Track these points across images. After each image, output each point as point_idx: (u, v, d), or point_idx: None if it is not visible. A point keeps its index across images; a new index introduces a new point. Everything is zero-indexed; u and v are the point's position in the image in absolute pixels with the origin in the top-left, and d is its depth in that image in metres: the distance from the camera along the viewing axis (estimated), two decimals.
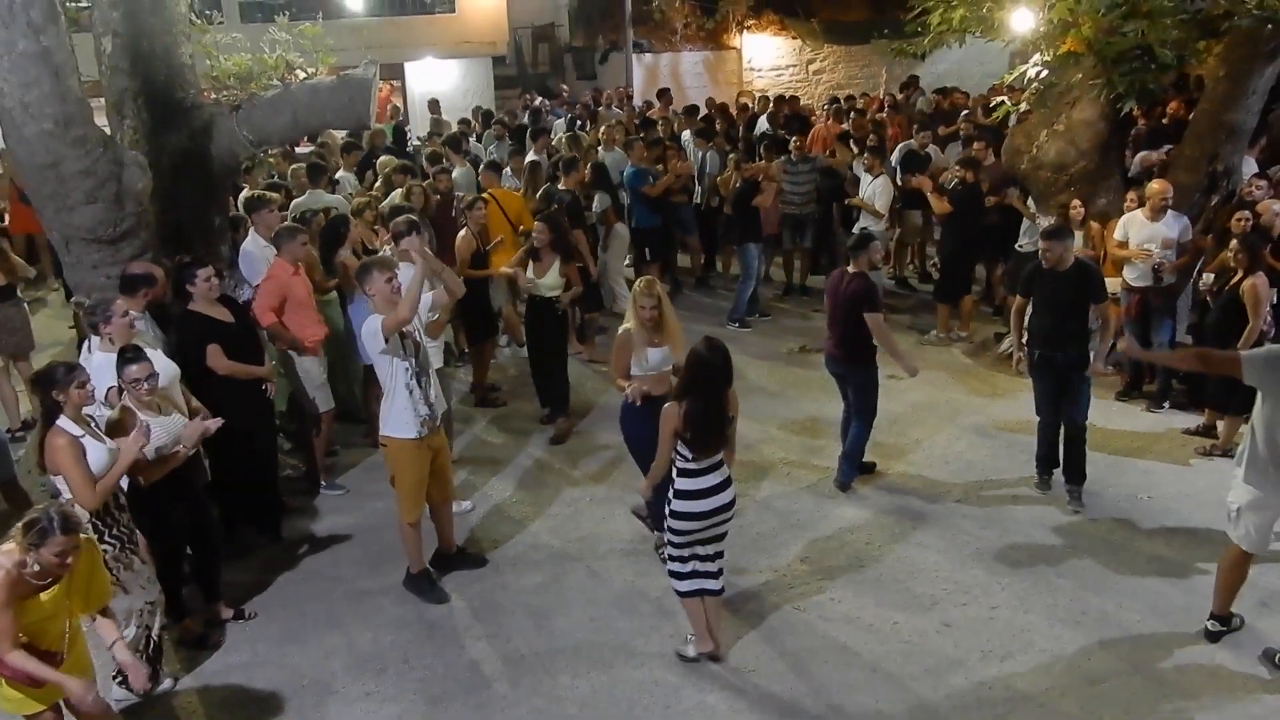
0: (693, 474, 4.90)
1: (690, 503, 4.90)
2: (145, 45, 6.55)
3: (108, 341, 5.39)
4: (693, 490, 4.89)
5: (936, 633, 5.40)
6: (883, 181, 10.21)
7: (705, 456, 4.88)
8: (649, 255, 11.24)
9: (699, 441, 4.82)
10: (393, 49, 18.37)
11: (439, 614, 5.70)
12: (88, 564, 4.03)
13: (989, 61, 17.49)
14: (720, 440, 4.92)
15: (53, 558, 3.73)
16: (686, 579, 5.08)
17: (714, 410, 4.83)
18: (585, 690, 5.04)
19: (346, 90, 6.73)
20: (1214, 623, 5.24)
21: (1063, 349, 6.49)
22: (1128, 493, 6.84)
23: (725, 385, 4.90)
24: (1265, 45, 7.73)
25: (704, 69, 22.28)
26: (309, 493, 7.14)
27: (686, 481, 4.91)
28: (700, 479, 4.89)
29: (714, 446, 4.89)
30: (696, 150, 11.99)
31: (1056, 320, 6.50)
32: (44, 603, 3.85)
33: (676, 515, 4.93)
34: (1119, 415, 8.07)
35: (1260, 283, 6.85)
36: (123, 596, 4.77)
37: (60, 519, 3.75)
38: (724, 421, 4.91)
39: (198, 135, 6.74)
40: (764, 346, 10.01)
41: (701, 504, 4.90)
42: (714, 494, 4.91)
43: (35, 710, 4.00)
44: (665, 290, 5.40)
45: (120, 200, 5.96)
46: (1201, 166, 8.39)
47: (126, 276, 5.92)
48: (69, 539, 3.76)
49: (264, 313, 6.66)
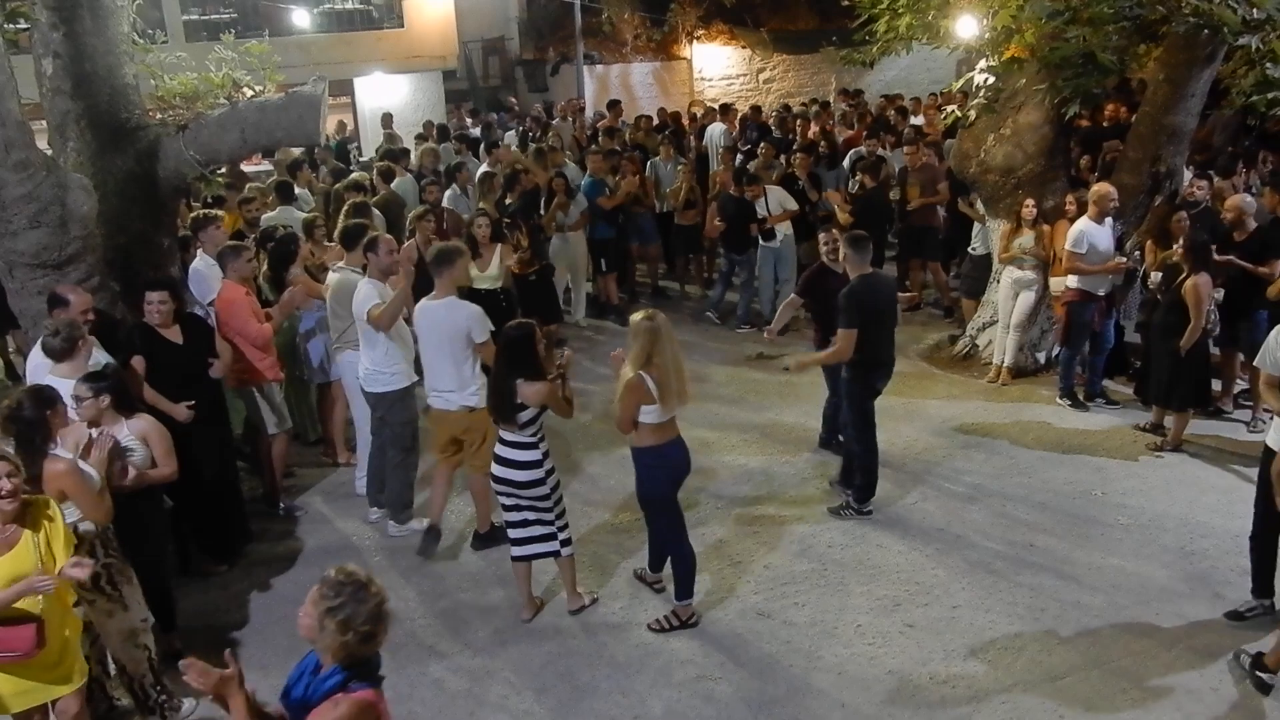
0: (501, 442, 5.46)
1: (496, 467, 5.48)
2: (87, 66, 6.44)
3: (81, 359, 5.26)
4: (498, 456, 5.47)
5: (900, 634, 5.45)
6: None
7: (506, 430, 5.41)
8: (604, 266, 11.26)
9: (494, 415, 5.48)
10: (341, 65, 18.23)
11: (402, 634, 5.65)
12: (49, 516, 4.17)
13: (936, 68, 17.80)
14: (511, 419, 5.34)
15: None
16: (517, 544, 5.60)
17: (500, 389, 5.34)
18: (552, 704, 5.02)
19: (296, 107, 6.67)
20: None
21: None
22: (1082, 489, 6.95)
23: (514, 369, 5.30)
24: (1203, 49, 7.90)
25: (654, 80, 22.37)
26: (268, 515, 7.05)
27: (498, 448, 5.48)
28: (505, 449, 5.44)
29: (506, 421, 5.39)
30: (664, 161, 12.07)
31: None
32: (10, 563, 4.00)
33: (493, 478, 5.52)
34: (1070, 414, 8.20)
35: (1202, 282, 7.00)
36: (122, 613, 4.73)
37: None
38: (510, 403, 5.30)
39: (144, 156, 6.64)
40: (723, 353, 10.05)
41: (503, 471, 5.46)
42: (516, 468, 5.43)
43: (22, 709, 4.18)
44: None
45: (65, 224, 5.86)
46: (1144, 168, 8.56)
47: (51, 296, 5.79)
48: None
49: (263, 337, 6.67)
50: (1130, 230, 8.64)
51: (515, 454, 5.41)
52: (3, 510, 4.01)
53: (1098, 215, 7.91)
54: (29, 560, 4.04)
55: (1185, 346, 7.07)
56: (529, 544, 5.59)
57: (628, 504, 6.80)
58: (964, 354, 9.54)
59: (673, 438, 5.37)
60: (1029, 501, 6.82)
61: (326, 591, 2.90)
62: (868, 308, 6.37)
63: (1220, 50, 7.95)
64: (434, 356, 6.15)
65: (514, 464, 5.42)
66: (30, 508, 4.15)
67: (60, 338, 5.22)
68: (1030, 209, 8.58)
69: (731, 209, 10.47)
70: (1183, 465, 7.26)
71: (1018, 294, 8.75)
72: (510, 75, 22.90)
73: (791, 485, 7.18)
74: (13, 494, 4.00)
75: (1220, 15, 6.80)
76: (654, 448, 5.31)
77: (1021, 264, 8.67)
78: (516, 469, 5.41)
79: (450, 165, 11.23)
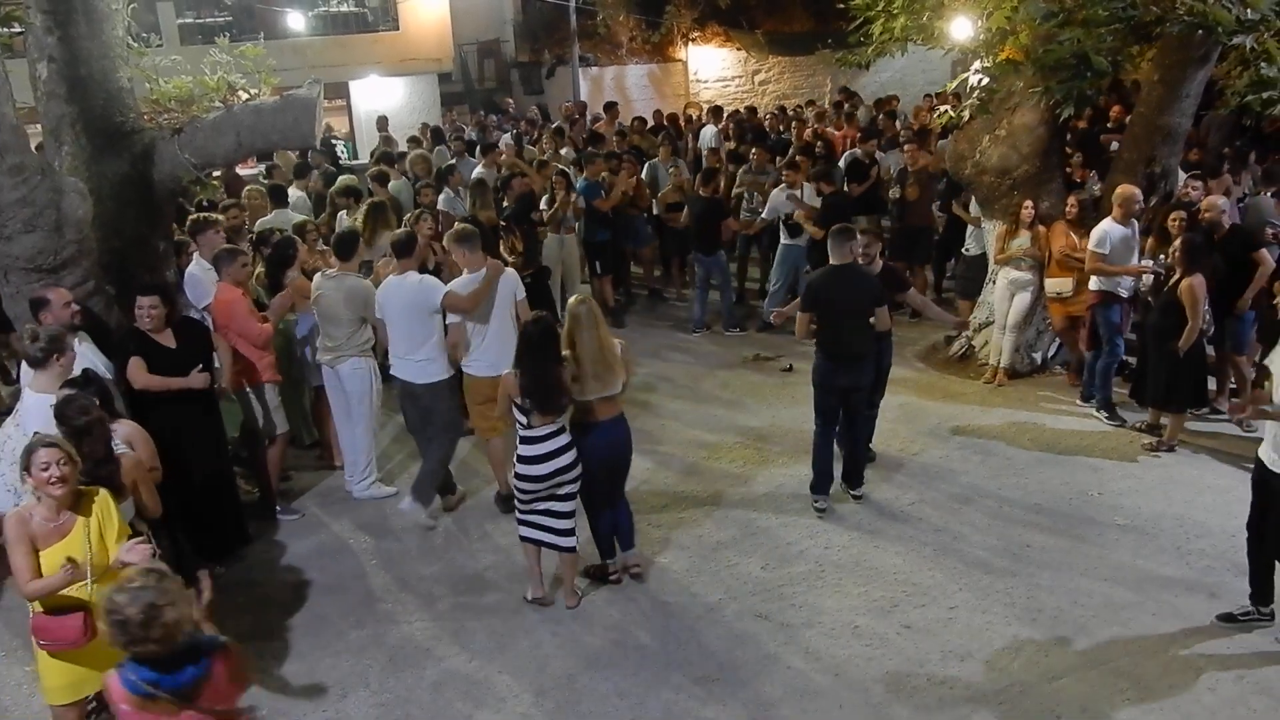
0: (531, 440, 5.45)
1: (530, 466, 5.47)
2: (82, 70, 6.43)
3: (59, 371, 5.22)
4: (531, 456, 5.46)
5: (897, 635, 5.45)
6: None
7: (541, 422, 5.43)
8: (599, 269, 11.27)
9: (535, 408, 5.40)
10: (337, 68, 18.21)
11: (399, 638, 5.64)
12: (102, 508, 4.23)
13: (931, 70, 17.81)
14: (554, 408, 5.45)
15: (40, 473, 3.98)
16: (526, 527, 5.70)
17: (544, 380, 5.38)
18: (550, 707, 5.02)
19: (291, 110, 6.67)
20: None
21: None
22: (1078, 490, 6.96)
23: (553, 359, 5.43)
24: (1196, 50, 7.93)
25: (650, 82, 22.37)
26: (263, 519, 7.04)
27: (526, 448, 5.47)
28: (538, 445, 5.45)
29: (549, 413, 5.43)
30: (662, 162, 12.07)
31: None
32: (62, 551, 4.08)
33: (519, 477, 5.52)
34: (1067, 415, 8.21)
35: (1197, 283, 7.01)
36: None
37: (43, 439, 4.08)
38: (555, 391, 5.43)
39: (139, 160, 6.64)
40: (719, 356, 10.06)
41: (539, 468, 5.47)
42: (553, 458, 5.47)
43: (69, 700, 4.33)
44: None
45: (60, 228, 5.85)
46: (1139, 169, 8.58)
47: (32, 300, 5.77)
48: (49, 451, 4.01)
49: (264, 336, 6.70)
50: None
51: (555, 442, 5.50)
52: (52, 495, 4.05)
53: (1122, 216, 7.83)
54: (80, 549, 4.10)
55: (1183, 347, 7.08)
56: (547, 532, 5.72)
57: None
58: (960, 355, 9.55)
59: (600, 419, 5.66)
60: (1025, 502, 6.83)
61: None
62: (821, 297, 6.53)
63: (1214, 51, 7.98)
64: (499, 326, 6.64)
65: (557, 452, 5.49)
66: (83, 498, 4.20)
67: (38, 346, 5.17)
68: (1029, 210, 8.59)
69: (699, 208, 10.48)
70: (1178, 465, 7.27)
71: (1014, 295, 8.76)
72: (506, 78, 22.88)
73: (788, 487, 7.18)
74: (62, 480, 4.04)
75: (1215, 15, 6.82)
76: (578, 425, 5.68)
77: (1018, 265, 8.69)
78: (560, 455, 5.50)
79: (443, 168, 11.22)
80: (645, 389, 9.23)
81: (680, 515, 6.86)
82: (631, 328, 11.09)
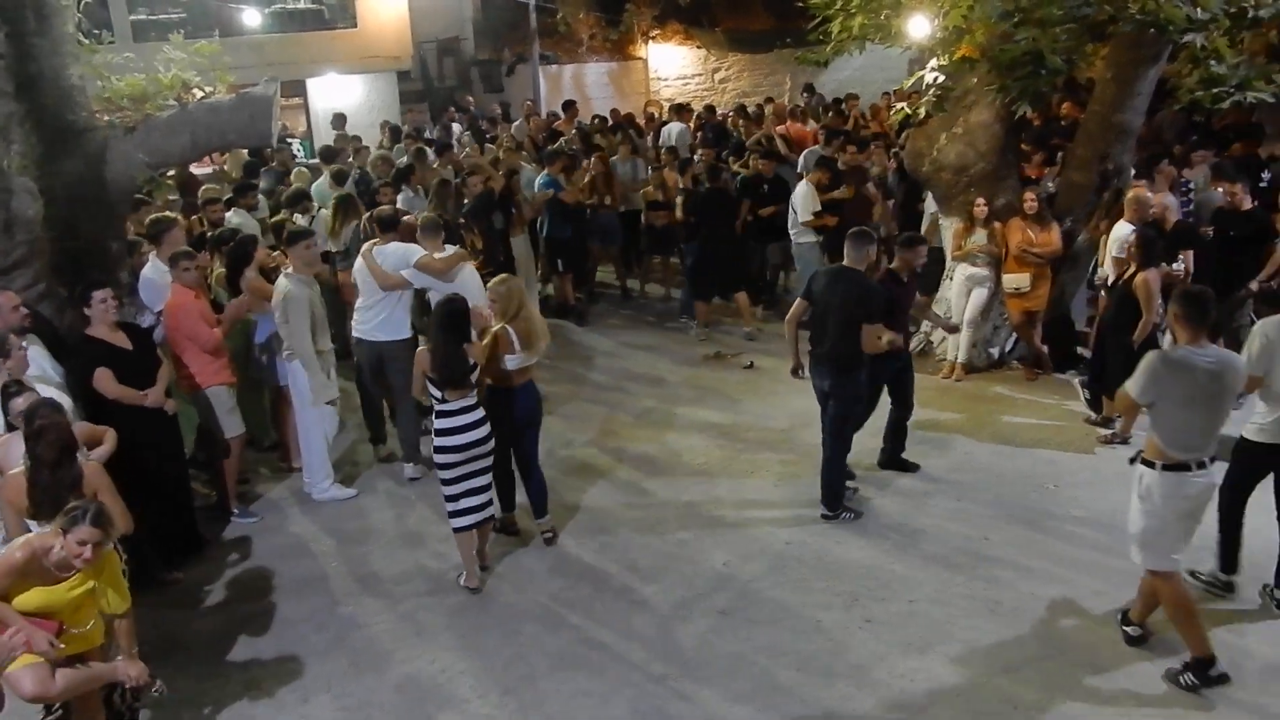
0: (446, 414, 5.76)
1: (447, 438, 5.76)
2: (31, 67, 6.31)
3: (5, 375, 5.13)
4: (447, 428, 5.76)
5: (859, 629, 5.50)
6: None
7: (454, 397, 5.73)
8: (561, 266, 11.24)
9: (445, 383, 5.70)
10: (294, 66, 17.97)
11: (361, 640, 5.60)
12: (112, 570, 4.41)
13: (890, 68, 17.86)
14: (464, 383, 5.74)
15: (75, 544, 4.05)
16: (462, 515, 5.91)
17: (455, 357, 5.69)
18: (514, 707, 5.00)
19: (247, 108, 6.61)
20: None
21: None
22: (1036, 483, 7.05)
23: (463, 338, 5.77)
24: (1148, 48, 8.05)
25: (610, 80, 22.34)
26: (221, 522, 6.95)
27: (442, 420, 5.77)
28: (453, 418, 5.76)
29: (460, 387, 5.73)
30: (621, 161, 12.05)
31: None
32: (63, 590, 4.18)
33: (439, 450, 5.80)
34: (1024, 409, 8.31)
35: (1152, 277, 7.12)
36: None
37: (93, 512, 4.10)
38: (465, 366, 5.73)
39: (92, 159, 6.53)
40: (681, 354, 10.07)
41: (456, 439, 5.76)
42: (468, 430, 5.79)
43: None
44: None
45: (9, 229, 5.75)
46: (1093, 165, 8.71)
47: None
48: (93, 531, 4.06)
49: (214, 342, 6.64)
50: (1079, 226, 8.78)
51: (470, 416, 5.82)
52: (73, 565, 4.14)
53: (1135, 218, 7.87)
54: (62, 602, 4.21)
55: (1138, 340, 7.18)
56: (477, 511, 5.97)
57: (565, 507, 6.83)
58: (918, 351, 9.63)
59: (518, 384, 6.18)
60: (984, 496, 6.90)
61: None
62: (816, 293, 6.56)
63: (1166, 49, 8.09)
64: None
65: (472, 425, 5.81)
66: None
67: None
68: (981, 208, 8.69)
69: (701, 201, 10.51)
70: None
71: (970, 291, 8.86)
72: (466, 76, 22.74)
73: (751, 484, 7.21)
74: (89, 561, 4.13)
75: (1166, 13, 6.93)
76: (501, 391, 6.15)
77: (974, 261, 8.79)
78: (476, 428, 5.82)
79: (402, 167, 11.13)
80: (609, 387, 9.23)
81: (642, 514, 6.86)
82: (594, 327, 11.10)
